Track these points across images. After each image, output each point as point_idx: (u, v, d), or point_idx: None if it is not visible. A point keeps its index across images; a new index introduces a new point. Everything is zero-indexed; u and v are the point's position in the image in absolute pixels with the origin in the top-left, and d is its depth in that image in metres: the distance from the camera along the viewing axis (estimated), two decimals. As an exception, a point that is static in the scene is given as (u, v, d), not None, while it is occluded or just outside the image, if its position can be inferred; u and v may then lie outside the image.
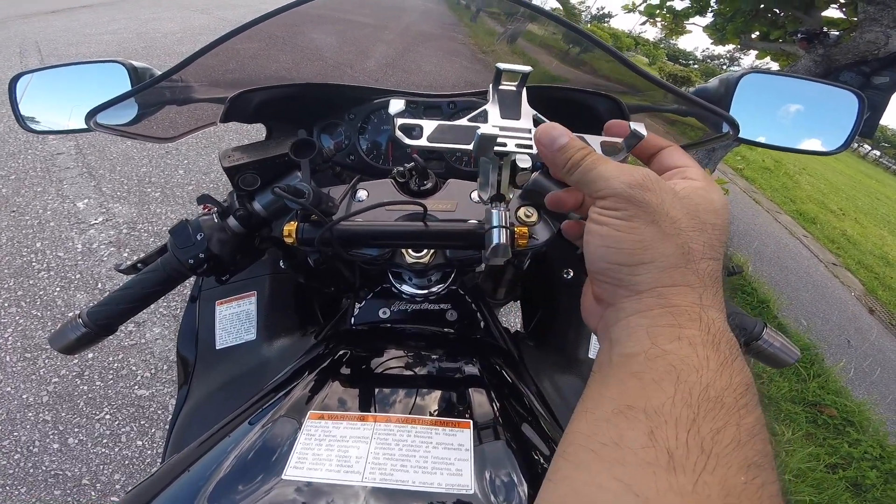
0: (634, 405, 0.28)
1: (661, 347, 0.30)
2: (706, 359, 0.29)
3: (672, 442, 0.25)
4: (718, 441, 0.25)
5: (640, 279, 0.33)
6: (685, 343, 0.29)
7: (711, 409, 0.26)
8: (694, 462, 0.25)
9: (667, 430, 0.26)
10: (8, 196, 2.90)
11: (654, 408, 0.27)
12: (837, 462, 2.45)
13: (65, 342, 0.62)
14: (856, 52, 3.32)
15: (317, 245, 0.55)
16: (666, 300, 0.32)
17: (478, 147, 0.40)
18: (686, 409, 0.26)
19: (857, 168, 21.71)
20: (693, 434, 0.26)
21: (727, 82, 0.67)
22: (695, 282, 0.32)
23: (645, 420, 0.27)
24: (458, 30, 1.20)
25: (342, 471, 0.41)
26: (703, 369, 0.28)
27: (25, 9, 7.44)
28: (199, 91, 0.71)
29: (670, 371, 0.28)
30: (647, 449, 0.26)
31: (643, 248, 0.32)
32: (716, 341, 0.30)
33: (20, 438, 1.76)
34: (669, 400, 0.27)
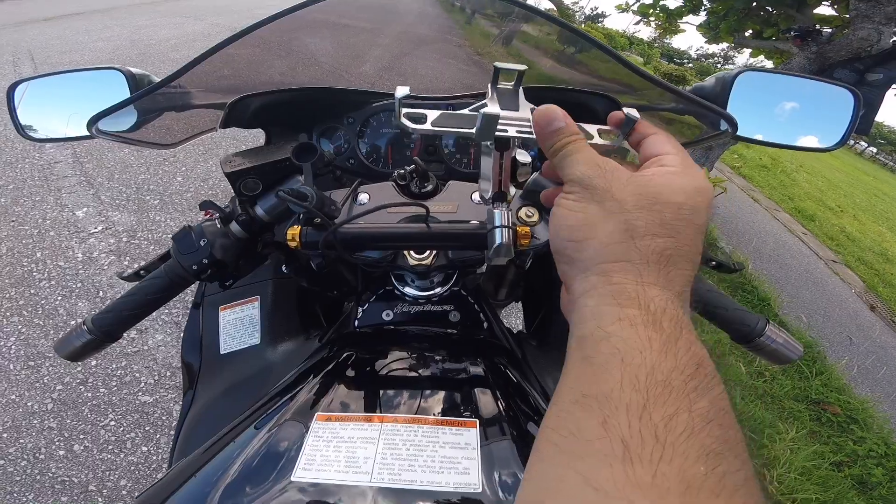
0: (588, 392, 0.28)
1: (605, 329, 0.30)
2: (648, 339, 0.28)
3: (625, 431, 0.25)
4: (672, 429, 0.25)
5: (585, 255, 0.34)
6: (626, 324, 0.29)
7: (661, 394, 0.26)
8: (650, 452, 0.24)
9: (618, 417, 0.25)
10: (7, 206, 2.90)
11: (605, 394, 0.27)
12: (842, 460, 2.45)
13: (70, 349, 0.62)
14: (849, 50, 3.33)
15: (321, 248, 0.55)
16: (608, 278, 0.32)
17: (480, 130, 0.41)
18: (635, 393, 0.26)
19: (853, 165, 21.74)
20: (645, 422, 0.25)
21: (723, 80, 0.68)
22: (635, 257, 0.32)
23: (598, 408, 0.27)
24: (453, 33, 1.20)
25: (351, 471, 0.41)
26: (646, 350, 0.28)
27: (18, 16, 7.45)
28: (198, 97, 0.72)
29: (615, 353, 0.28)
30: (602, 440, 0.25)
31: (588, 226, 0.34)
32: (656, 320, 0.29)
33: (26, 446, 1.76)
34: (618, 385, 0.27)
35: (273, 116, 0.83)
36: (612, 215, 0.33)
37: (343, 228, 0.56)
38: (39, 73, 0.78)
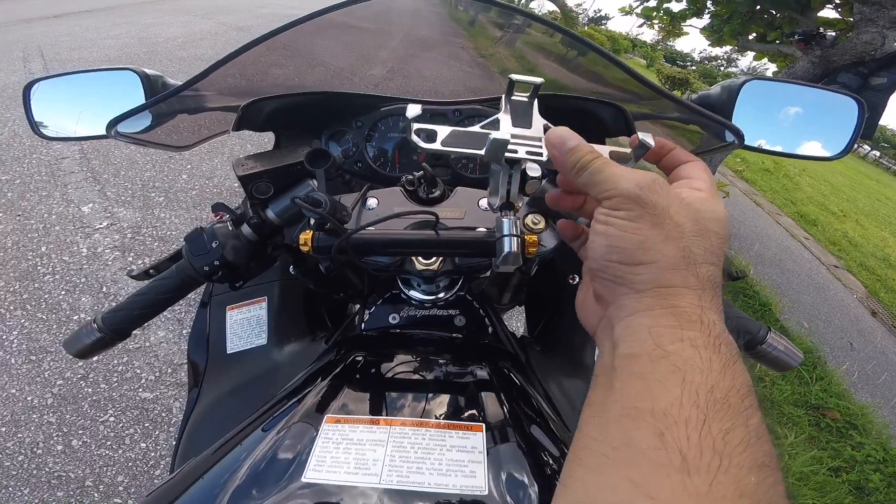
0: (640, 406, 0.28)
1: (664, 348, 0.30)
2: (709, 360, 0.29)
3: (684, 443, 0.26)
4: (729, 441, 0.25)
5: (641, 278, 0.33)
6: (687, 344, 0.30)
7: (720, 411, 0.27)
8: (708, 463, 0.25)
9: (677, 431, 0.26)
10: (13, 200, 2.92)
11: (662, 409, 0.27)
12: (840, 465, 2.44)
13: (79, 346, 0.63)
14: (853, 54, 3.32)
15: (332, 254, 0.56)
16: (666, 300, 0.32)
17: (489, 152, 0.41)
18: (695, 409, 0.27)
19: (857, 169, 21.65)
20: (705, 435, 0.26)
21: (729, 89, 0.69)
22: (695, 284, 0.32)
23: (653, 421, 0.27)
24: (459, 35, 1.21)
25: (360, 473, 0.42)
26: (706, 371, 0.28)
27: (28, 13, 7.47)
28: (211, 100, 0.73)
29: (675, 372, 0.28)
30: (659, 450, 0.26)
31: (645, 249, 0.33)
32: (716, 343, 0.30)
33: (24, 440, 1.77)
34: (677, 401, 0.27)
35: (284, 119, 0.83)
36: (672, 240, 0.33)
37: (355, 235, 0.56)
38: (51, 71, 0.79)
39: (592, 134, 0.83)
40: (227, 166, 3.45)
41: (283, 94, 0.78)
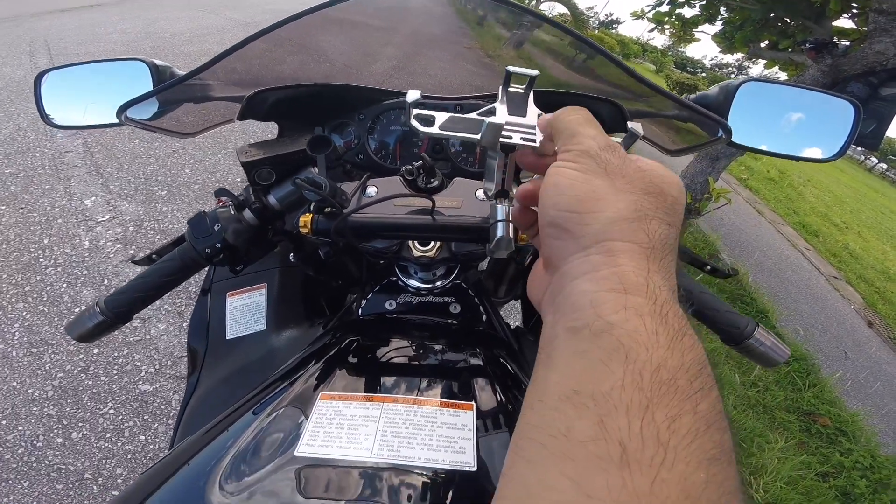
0: (581, 390, 0.25)
1: (606, 318, 0.27)
2: (655, 333, 0.26)
3: (625, 433, 0.23)
4: (675, 431, 0.23)
5: (590, 229, 0.31)
6: (632, 313, 0.27)
7: (665, 394, 0.24)
8: (651, 457, 0.22)
9: (618, 417, 0.23)
10: (17, 193, 2.94)
11: (603, 392, 0.24)
12: (828, 471, 2.47)
13: (82, 329, 0.64)
14: (864, 63, 3.32)
15: (332, 235, 0.57)
16: (612, 259, 0.29)
17: (485, 136, 0.42)
18: (638, 392, 0.24)
19: (862, 181, 21.65)
20: (647, 423, 0.23)
21: (727, 89, 0.70)
22: (643, 240, 0.30)
23: (594, 407, 0.24)
24: (465, 34, 1.22)
25: (352, 447, 0.43)
26: (652, 346, 0.25)
27: (35, 6, 7.48)
28: (217, 90, 0.74)
29: (618, 348, 0.25)
30: (598, 441, 0.23)
31: (595, 198, 0.32)
32: (663, 312, 0.27)
33: (24, 433, 1.78)
34: (619, 383, 0.24)
35: (287, 110, 0.85)
36: (623, 192, 0.32)
37: (353, 217, 0.58)
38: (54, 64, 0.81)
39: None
40: (230, 161, 3.47)
41: (287, 86, 0.80)
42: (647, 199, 0.32)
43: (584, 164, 0.34)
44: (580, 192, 0.33)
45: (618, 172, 0.33)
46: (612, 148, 0.35)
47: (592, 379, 0.25)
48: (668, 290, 0.29)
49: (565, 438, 0.24)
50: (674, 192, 0.33)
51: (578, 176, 0.33)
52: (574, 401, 0.25)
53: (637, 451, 0.22)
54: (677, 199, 0.33)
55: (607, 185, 0.32)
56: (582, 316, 0.28)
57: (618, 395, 0.24)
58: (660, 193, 0.33)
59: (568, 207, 0.33)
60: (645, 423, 0.23)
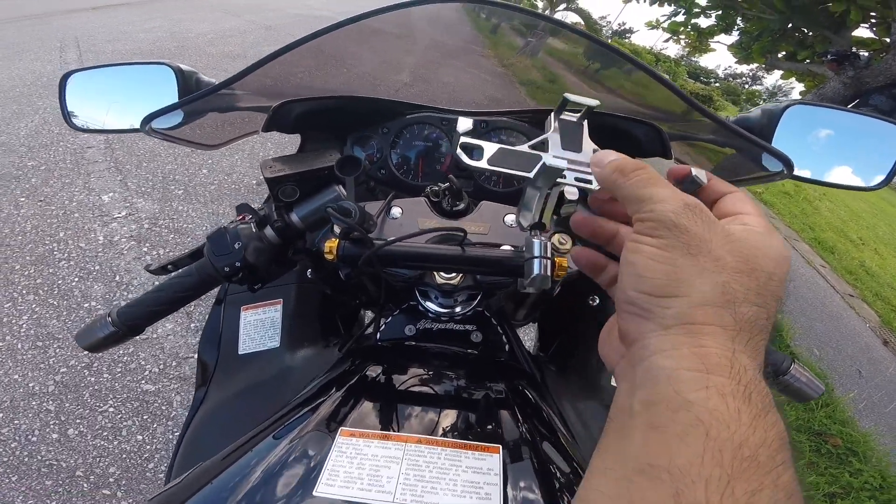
0: (657, 463, 0.25)
1: (685, 396, 0.27)
2: (737, 412, 0.25)
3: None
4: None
5: (669, 312, 0.30)
6: (713, 392, 0.26)
7: (746, 469, 0.24)
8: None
9: (696, 492, 0.23)
10: (37, 186, 2.96)
11: (680, 467, 0.24)
12: (836, 491, 2.42)
13: (92, 340, 0.62)
14: (888, 75, 3.26)
15: (360, 265, 0.55)
16: (694, 339, 0.28)
17: (538, 176, 0.39)
18: (717, 468, 0.24)
19: (879, 195, 21.34)
20: (727, 496, 0.23)
21: (770, 113, 0.67)
22: (730, 324, 0.29)
23: (669, 481, 0.24)
24: (480, 43, 1.20)
25: (374, 490, 0.41)
26: (734, 424, 0.25)
27: (68, 4, 7.64)
28: (243, 100, 0.73)
29: (697, 425, 0.25)
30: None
31: (676, 280, 0.30)
32: (747, 392, 0.26)
33: (20, 427, 1.77)
34: (698, 458, 0.24)
35: (312, 122, 0.84)
36: (709, 273, 0.30)
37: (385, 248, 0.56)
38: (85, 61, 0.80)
39: (627, 153, 0.81)
40: (247, 163, 3.48)
41: (314, 97, 0.78)
42: (736, 278, 0.30)
43: (664, 240, 0.31)
44: (661, 276, 0.31)
45: (703, 247, 0.30)
46: (693, 211, 0.31)
47: (668, 453, 0.25)
48: (754, 369, 0.28)
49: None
50: (769, 266, 0.31)
51: (657, 255, 0.31)
52: (648, 474, 0.25)
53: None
54: (773, 274, 0.31)
55: (690, 265, 0.30)
56: (660, 391, 0.28)
57: (696, 470, 0.24)
58: (752, 271, 0.30)
59: (648, 290, 0.31)
60: (725, 497, 0.23)
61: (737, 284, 0.29)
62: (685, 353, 0.28)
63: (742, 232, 0.32)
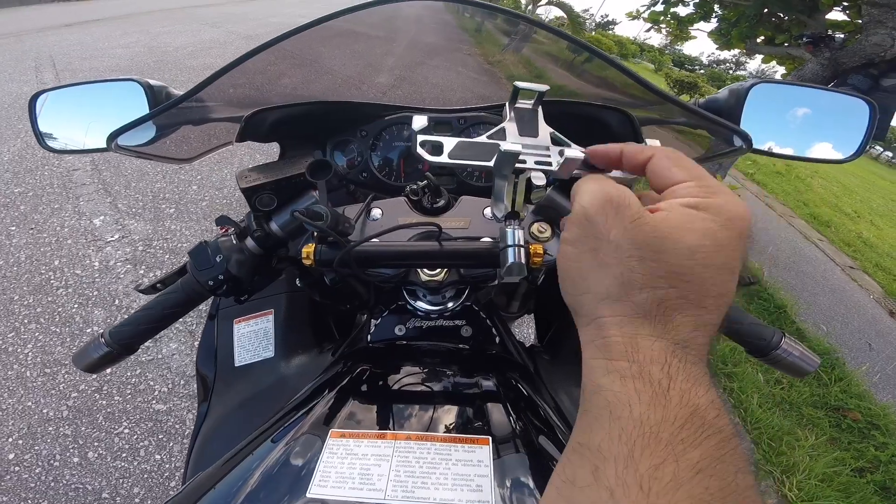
0: (583, 442, 0.29)
1: (595, 382, 0.30)
2: (636, 392, 0.28)
3: (612, 480, 0.25)
4: (658, 478, 0.25)
5: (584, 309, 0.33)
6: (615, 377, 0.29)
7: (647, 446, 0.26)
8: (634, 500, 0.24)
9: (607, 467, 0.26)
10: (26, 213, 2.96)
11: (596, 445, 0.28)
12: (864, 466, 2.41)
13: (88, 361, 0.63)
14: (862, 55, 3.31)
15: (335, 267, 0.56)
16: (601, 331, 0.31)
17: (498, 164, 0.40)
18: (622, 445, 0.26)
19: (869, 170, 21.34)
20: (631, 471, 0.25)
21: (737, 93, 0.68)
22: (629, 311, 0.31)
23: (590, 457, 0.27)
24: (464, 41, 1.21)
25: (365, 488, 0.42)
26: (634, 403, 0.27)
27: (40, 22, 7.60)
28: (215, 110, 0.73)
29: (605, 406, 0.28)
30: (591, 487, 0.26)
31: (583, 278, 0.33)
32: (644, 371, 0.29)
33: (41, 452, 1.79)
34: (607, 436, 0.27)
35: (288, 130, 0.83)
36: (607, 267, 0.32)
37: (357, 247, 0.56)
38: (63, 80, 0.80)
39: (599, 140, 0.82)
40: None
41: (286, 104, 0.78)
42: (635, 266, 0.31)
43: (575, 235, 0.34)
44: (572, 274, 0.34)
45: (603, 240, 0.32)
46: (612, 203, 0.32)
47: (589, 432, 0.29)
48: (657, 349, 0.29)
49: (570, 485, 0.28)
50: (687, 241, 0.31)
51: (569, 253, 0.34)
52: (579, 451, 0.29)
53: (623, 497, 0.25)
54: (691, 250, 0.30)
55: (592, 261, 0.33)
56: (584, 379, 0.32)
57: (607, 447, 0.27)
58: (657, 254, 0.31)
59: (565, 290, 0.35)
60: (629, 471, 0.25)
61: (635, 273, 0.31)
62: (597, 345, 0.32)
63: (662, 217, 0.32)
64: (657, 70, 25.71)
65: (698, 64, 52.08)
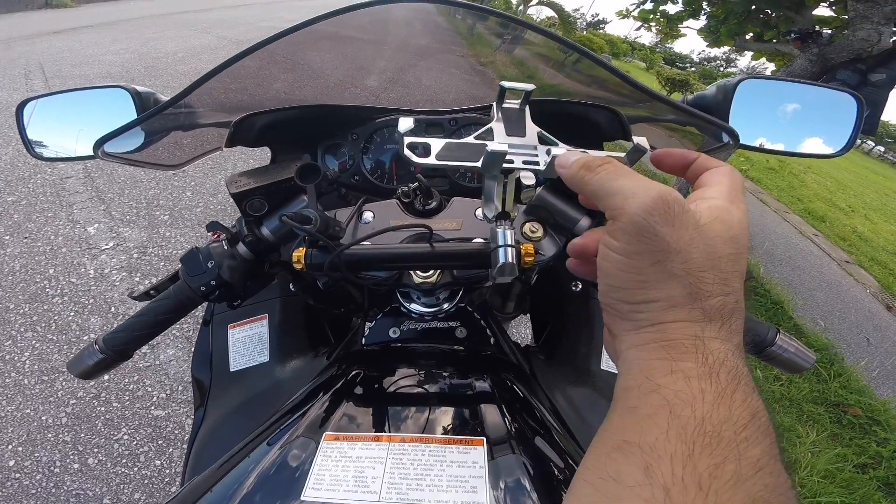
0: (631, 440, 0.28)
1: (655, 381, 0.29)
2: (701, 391, 0.28)
3: (668, 478, 0.25)
4: (717, 477, 0.24)
5: (642, 316, 0.32)
6: (679, 377, 0.29)
7: (708, 444, 0.26)
8: (692, 499, 0.24)
9: (662, 466, 0.25)
10: (20, 222, 2.95)
11: (649, 443, 0.27)
12: (866, 462, 2.41)
13: (83, 368, 0.63)
14: (850, 51, 3.33)
15: (325, 271, 0.55)
16: (664, 335, 0.31)
17: (486, 164, 0.40)
18: (681, 444, 0.26)
19: (862, 165, 21.51)
20: (689, 470, 0.25)
21: (725, 89, 0.68)
22: (698, 317, 0.31)
23: (640, 455, 0.27)
24: (456, 43, 1.21)
25: (359, 491, 0.41)
26: (697, 403, 0.27)
27: (28, 29, 7.53)
28: (203, 116, 0.72)
29: (663, 405, 0.28)
30: (643, 486, 0.25)
31: (645, 288, 0.31)
32: (713, 372, 0.28)
33: (41, 459, 1.79)
34: (663, 435, 0.27)
35: (278, 134, 0.83)
36: (676, 278, 0.31)
37: (347, 250, 0.56)
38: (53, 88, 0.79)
39: (589, 139, 0.82)
40: (231, 182, 3.46)
41: (275, 109, 0.78)
42: (703, 276, 0.31)
43: (630, 246, 0.32)
44: (629, 284, 0.32)
45: (670, 249, 0.30)
46: (664, 209, 0.31)
47: (639, 430, 0.28)
48: (723, 351, 0.30)
49: (615, 482, 0.27)
50: (729, 249, 0.31)
51: (625, 264, 0.32)
52: (624, 449, 0.28)
53: (679, 495, 0.24)
54: (734, 255, 0.31)
55: (657, 272, 0.31)
56: (634, 379, 0.31)
57: (662, 445, 0.26)
58: (715, 262, 0.31)
59: (619, 298, 0.33)
60: (687, 470, 0.25)
61: (704, 283, 0.31)
62: (654, 346, 0.31)
63: (706, 214, 0.32)
64: (649, 68, 25.81)
65: (689, 62, 52.37)
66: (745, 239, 0.33)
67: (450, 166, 0.42)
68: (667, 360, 0.30)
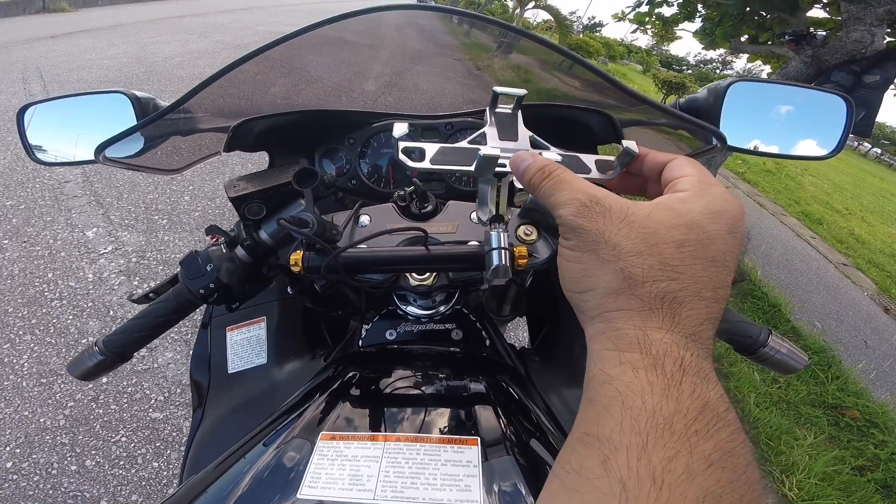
0: (590, 432, 0.29)
1: (607, 372, 0.30)
2: (649, 383, 0.28)
3: (624, 471, 0.25)
4: (671, 471, 0.25)
5: (588, 305, 0.34)
6: (627, 368, 0.29)
7: (661, 437, 0.26)
8: (647, 493, 0.24)
9: (618, 458, 0.26)
10: (18, 226, 2.94)
11: (606, 434, 0.27)
12: (864, 464, 2.42)
13: (82, 369, 0.63)
14: (844, 52, 3.35)
15: (322, 273, 0.56)
16: (610, 324, 0.32)
17: (479, 168, 0.41)
18: (635, 436, 0.26)
19: (858, 167, 21.56)
20: (644, 463, 0.25)
21: (715, 92, 0.69)
22: (636, 305, 0.32)
23: (598, 447, 0.27)
24: (453, 48, 1.22)
25: (355, 489, 0.42)
26: (647, 394, 0.28)
27: (26, 33, 7.46)
28: (202, 121, 0.73)
29: (616, 396, 0.28)
30: (602, 479, 0.26)
31: (586, 277, 0.34)
32: (658, 363, 0.29)
33: (39, 461, 1.79)
34: (618, 426, 0.27)
35: (276, 139, 0.84)
36: (608, 264, 0.33)
37: (344, 253, 0.56)
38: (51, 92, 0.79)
39: (582, 142, 0.83)
40: (230, 187, 3.47)
41: (273, 114, 0.78)
42: (634, 261, 0.32)
43: (572, 242, 0.35)
44: (573, 274, 0.35)
45: (599, 239, 0.33)
46: (589, 207, 0.34)
47: (598, 422, 0.29)
48: (668, 342, 0.30)
49: (577, 475, 0.28)
50: (675, 236, 0.33)
51: (571, 256, 0.35)
52: (586, 441, 0.29)
53: (635, 488, 0.25)
54: (679, 243, 0.32)
55: (593, 260, 0.34)
56: (592, 370, 0.32)
57: (618, 436, 0.27)
58: (652, 247, 0.32)
59: (569, 289, 0.36)
60: (642, 463, 0.25)
61: (635, 267, 0.32)
62: (604, 338, 0.32)
63: (648, 210, 0.34)
64: (645, 71, 25.88)
65: (686, 64, 52.48)
66: (715, 224, 0.33)
67: (444, 170, 0.43)
68: (615, 351, 0.31)
